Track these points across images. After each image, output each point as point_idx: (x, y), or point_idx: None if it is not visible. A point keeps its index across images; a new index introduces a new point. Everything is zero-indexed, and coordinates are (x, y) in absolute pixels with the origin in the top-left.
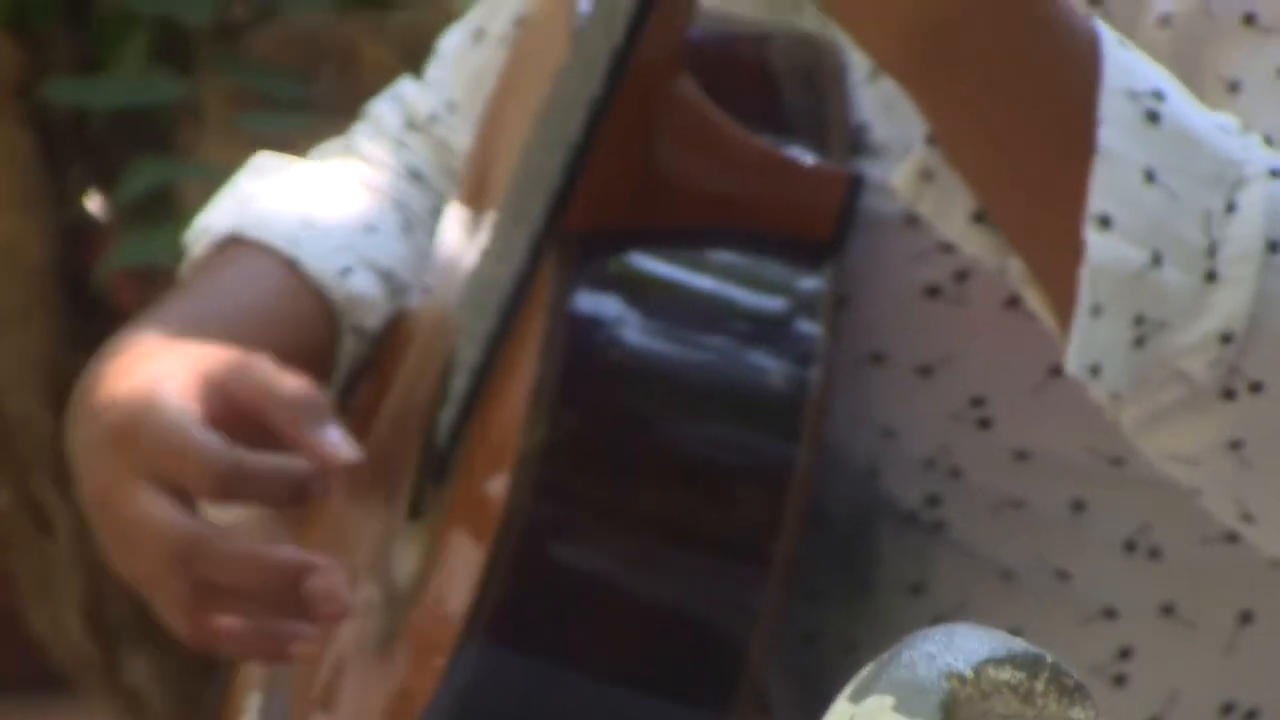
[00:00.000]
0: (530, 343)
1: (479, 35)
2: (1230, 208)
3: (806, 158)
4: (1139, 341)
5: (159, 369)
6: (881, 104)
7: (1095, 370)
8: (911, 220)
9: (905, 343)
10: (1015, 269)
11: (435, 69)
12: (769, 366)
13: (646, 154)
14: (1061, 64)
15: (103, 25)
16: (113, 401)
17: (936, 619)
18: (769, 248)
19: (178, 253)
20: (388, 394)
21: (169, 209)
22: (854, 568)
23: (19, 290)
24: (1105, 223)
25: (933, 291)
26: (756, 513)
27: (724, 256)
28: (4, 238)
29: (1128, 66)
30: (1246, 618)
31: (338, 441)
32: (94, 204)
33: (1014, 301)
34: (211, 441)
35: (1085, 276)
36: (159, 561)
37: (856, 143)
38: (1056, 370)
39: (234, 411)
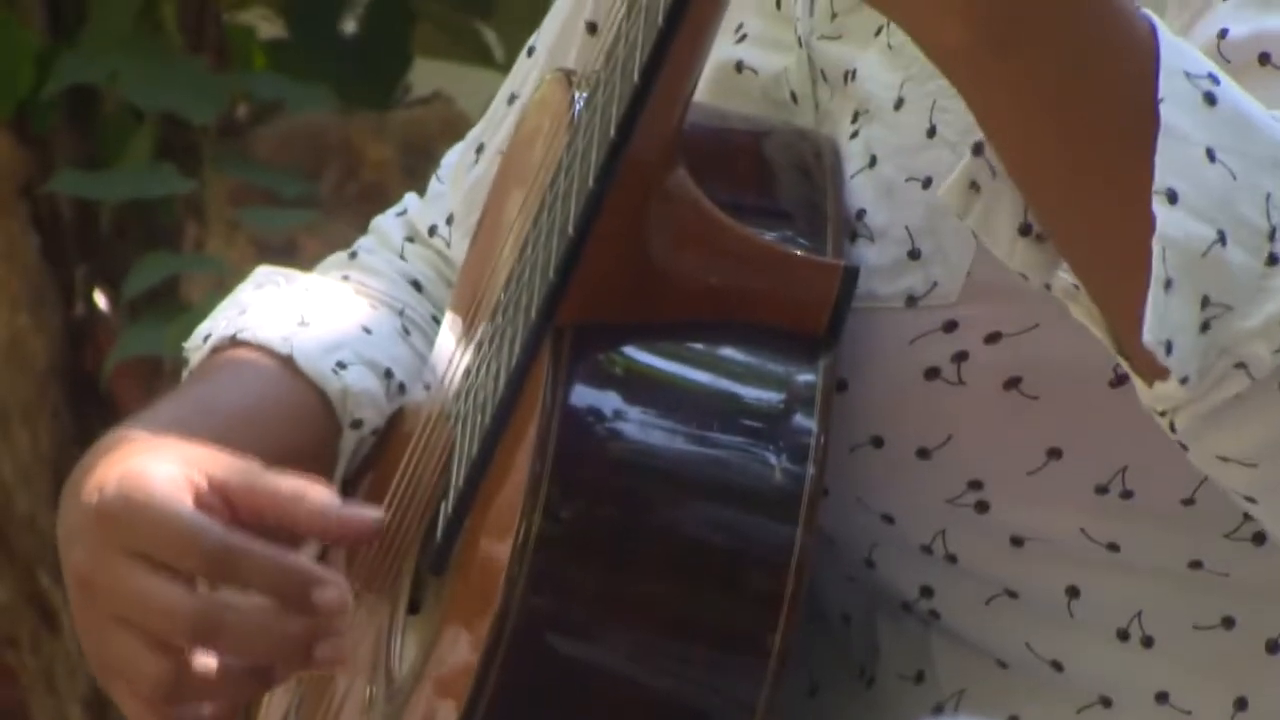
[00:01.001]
0: (527, 436)
1: (479, 150)
2: None
3: (801, 250)
4: (1205, 326)
5: (150, 460)
6: (879, 189)
7: (1170, 347)
8: (911, 302)
9: (905, 425)
10: (1060, 284)
11: (436, 183)
12: (764, 461)
13: (641, 247)
14: (1120, 44)
15: (107, 124)
16: (100, 487)
17: (937, 708)
18: (764, 340)
19: (182, 346)
20: (388, 489)
21: (173, 303)
22: (853, 660)
23: (24, 388)
24: (1173, 198)
25: (932, 373)
26: (753, 605)
27: (719, 350)
28: (9, 336)
29: (1183, 51)
30: (1241, 704)
31: (354, 511)
32: (99, 302)
33: (1012, 382)
34: (204, 519)
35: (1156, 249)
36: (147, 641)
37: (855, 227)
38: (1053, 452)
39: (229, 510)
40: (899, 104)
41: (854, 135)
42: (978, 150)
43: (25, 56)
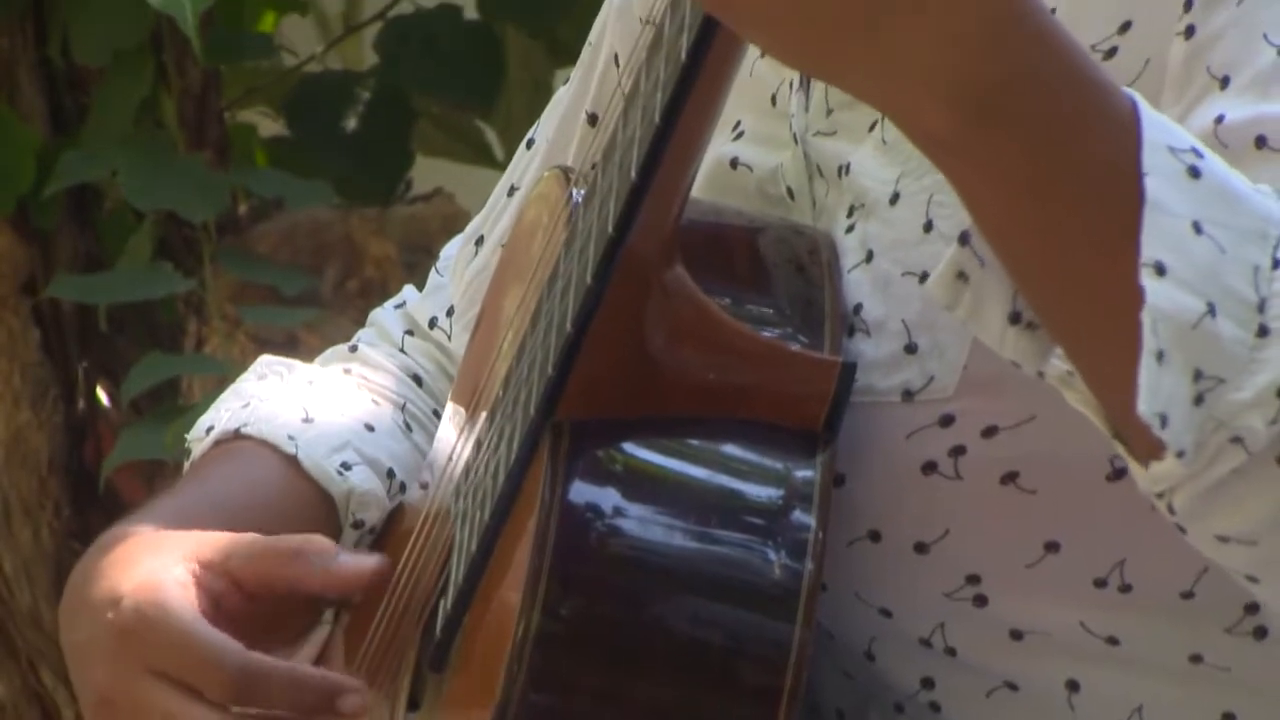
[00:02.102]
0: (526, 532)
1: (478, 242)
2: (1276, 264)
3: (799, 347)
4: (1198, 399)
5: (157, 563)
6: (876, 284)
7: (1164, 420)
8: (908, 396)
9: (902, 520)
10: (1053, 371)
11: (436, 275)
12: (763, 557)
13: (639, 344)
14: (1103, 121)
15: (108, 220)
16: (114, 598)
17: None
18: (762, 436)
19: (182, 447)
20: (386, 587)
21: (174, 399)
22: None
23: (26, 484)
24: (1160, 270)
25: (929, 468)
26: (752, 701)
27: (717, 446)
28: (11, 432)
29: (1165, 126)
30: None
31: (355, 560)
32: (101, 398)
33: (1009, 477)
34: (224, 643)
35: (1146, 321)
36: None
37: (852, 321)
38: (1051, 545)
39: (240, 590)
40: (895, 199)
41: (850, 230)
42: (964, 240)
43: (26, 153)
